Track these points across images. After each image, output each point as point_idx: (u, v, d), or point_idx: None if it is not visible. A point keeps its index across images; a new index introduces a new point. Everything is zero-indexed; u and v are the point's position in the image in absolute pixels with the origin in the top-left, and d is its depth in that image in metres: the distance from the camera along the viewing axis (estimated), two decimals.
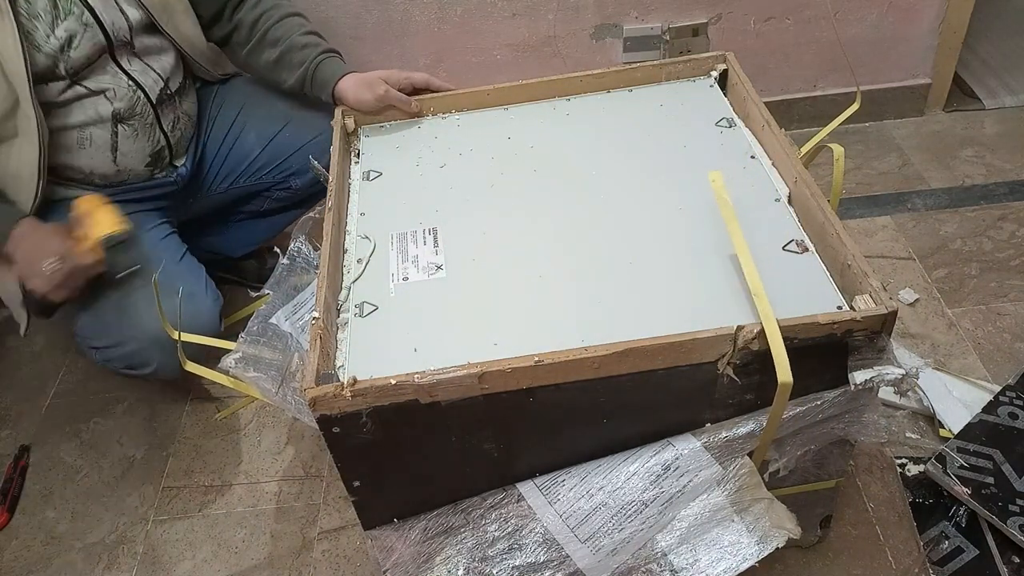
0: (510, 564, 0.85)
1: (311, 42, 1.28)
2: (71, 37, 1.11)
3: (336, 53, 1.28)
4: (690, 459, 0.83)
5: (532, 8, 1.68)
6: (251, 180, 1.42)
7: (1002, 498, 1.05)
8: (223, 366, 0.97)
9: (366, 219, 1.03)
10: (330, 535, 1.23)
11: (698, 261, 0.90)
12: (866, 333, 0.78)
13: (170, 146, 1.30)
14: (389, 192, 1.07)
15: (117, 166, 1.25)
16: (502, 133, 1.13)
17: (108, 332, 1.19)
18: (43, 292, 1.11)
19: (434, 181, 1.07)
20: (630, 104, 1.16)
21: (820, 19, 1.73)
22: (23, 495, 1.35)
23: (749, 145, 1.04)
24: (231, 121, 1.39)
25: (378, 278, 0.94)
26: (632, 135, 1.09)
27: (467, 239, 0.97)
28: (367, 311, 0.89)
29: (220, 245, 1.56)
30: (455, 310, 0.88)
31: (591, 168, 1.05)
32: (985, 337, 1.38)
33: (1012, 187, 1.68)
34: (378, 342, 0.86)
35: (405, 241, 0.98)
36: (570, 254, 0.93)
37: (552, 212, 0.99)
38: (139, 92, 1.22)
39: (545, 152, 1.09)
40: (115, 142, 1.22)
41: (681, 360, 0.78)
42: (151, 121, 1.25)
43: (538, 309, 0.87)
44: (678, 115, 1.12)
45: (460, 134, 1.15)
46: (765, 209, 0.94)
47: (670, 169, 1.03)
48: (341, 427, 0.77)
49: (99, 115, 1.19)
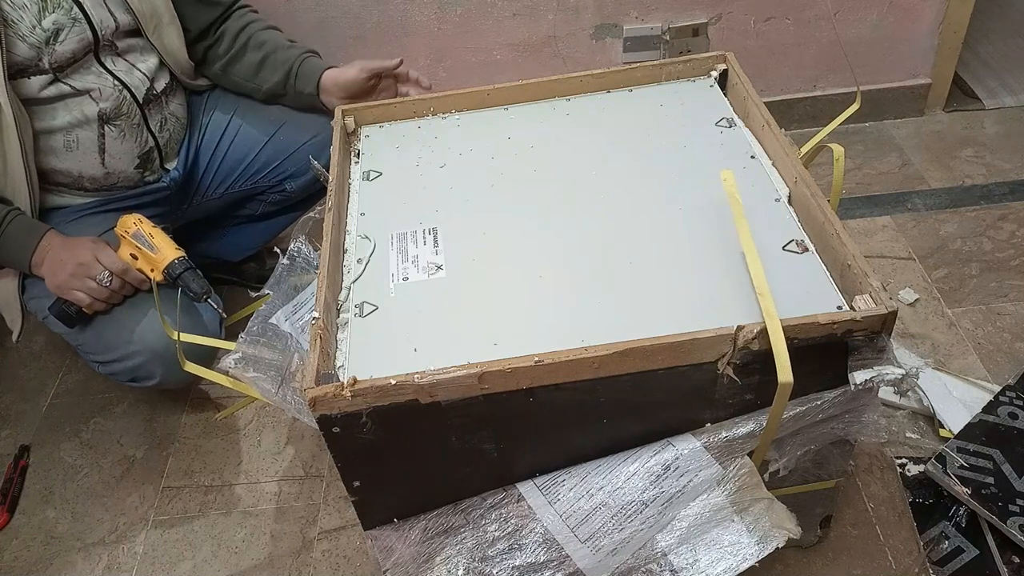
0: (510, 564, 0.85)
1: (296, 46, 1.33)
2: (58, 30, 1.11)
3: (318, 56, 1.34)
4: (690, 459, 0.83)
5: (532, 8, 1.68)
6: (247, 184, 1.42)
7: (1002, 498, 1.05)
8: (223, 366, 0.97)
9: (366, 219, 1.03)
10: (330, 535, 1.23)
11: (698, 260, 0.89)
12: (866, 333, 0.78)
13: (159, 147, 1.30)
14: (389, 192, 1.07)
15: (106, 168, 1.24)
16: (502, 133, 1.13)
17: (111, 347, 1.19)
18: (85, 304, 1.14)
19: (434, 181, 1.07)
20: (630, 104, 1.16)
21: (820, 19, 1.73)
22: (23, 495, 1.35)
23: (749, 145, 1.04)
24: (224, 125, 1.39)
25: (378, 278, 0.94)
26: (632, 135, 1.09)
27: (467, 239, 0.97)
28: (367, 311, 0.89)
29: (217, 251, 1.55)
30: (455, 310, 0.88)
31: (591, 168, 1.05)
32: (985, 337, 1.38)
33: (1012, 187, 1.68)
34: (378, 342, 0.86)
35: (405, 241, 0.98)
36: (570, 254, 0.93)
37: (552, 212, 0.99)
38: (125, 92, 1.21)
39: (545, 152, 1.09)
40: (102, 143, 1.22)
41: (681, 360, 0.78)
42: (138, 121, 1.25)
43: (538, 309, 0.87)
44: (678, 115, 1.12)
45: (460, 134, 1.15)
46: (765, 209, 0.94)
47: (670, 169, 1.03)
48: (341, 427, 0.77)
49: (85, 116, 1.18)
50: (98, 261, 1.12)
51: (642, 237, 0.94)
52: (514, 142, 1.11)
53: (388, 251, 0.97)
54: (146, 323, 1.16)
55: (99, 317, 1.18)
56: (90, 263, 1.12)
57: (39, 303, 1.21)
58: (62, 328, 1.19)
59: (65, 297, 1.14)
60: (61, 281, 1.12)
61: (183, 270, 1.15)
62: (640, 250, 0.92)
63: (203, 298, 1.16)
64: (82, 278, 1.12)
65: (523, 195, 1.03)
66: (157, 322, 1.15)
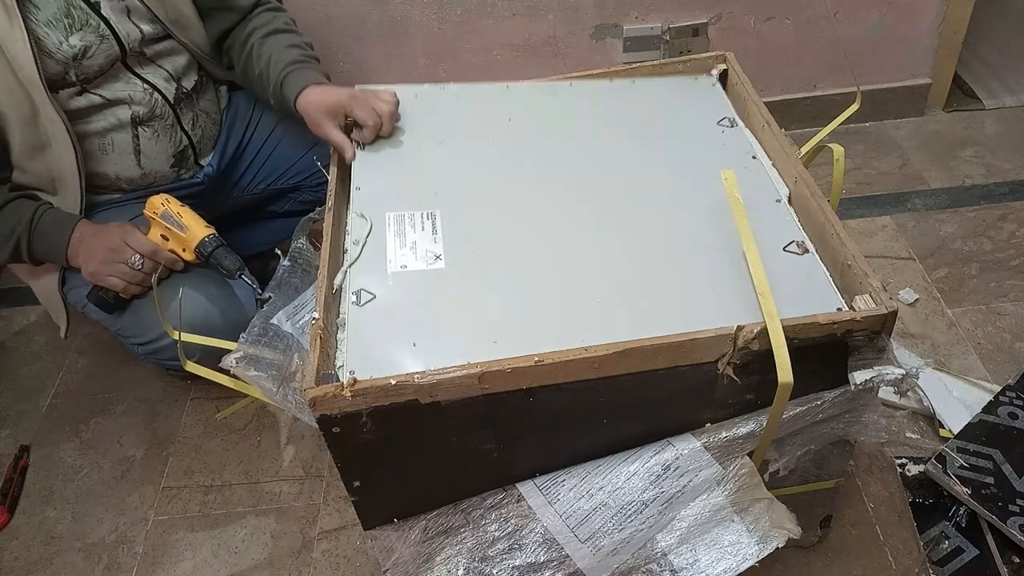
0: (510, 564, 0.85)
1: (283, 58, 1.19)
2: (87, 48, 1.11)
3: (304, 63, 1.19)
4: (690, 459, 0.83)
5: (532, 8, 1.68)
6: (288, 182, 1.44)
7: (1002, 498, 1.05)
8: (224, 366, 0.97)
9: (362, 194, 1.00)
10: (330, 535, 1.23)
11: (698, 260, 0.89)
12: (866, 333, 0.78)
13: (193, 145, 1.31)
14: (385, 165, 1.04)
15: (142, 169, 1.25)
16: (502, 112, 1.11)
17: (149, 329, 1.20)
18: (120, 289, 1.15)
19: (432, 159, 1.05)
20: (632, 96, 1.15)
21: (820, 19, 1.73)
22: (23, 495, 1.35)
23: (750, 145, 1.04)
24: (273, 124, 1.40)
25: (375, 264, 0.92)
26: (633, 130, 1.08)
27: (466, 229, 0.96)
28: (364, 299, 0.88)
29: (232, 243, 1.55)
30: (454, 304, 0.87)
31: (591, 165, 1.04)
32: (985, 337, 1.38)
33: (1012, 187, 1.69)
34: (376, 334, 0.84)
35: (403, 224, 0.96)
36: (570, 252, 0.93)
37: (552, 207, 0.99)
38: (156, 94, 1.22)
39: (546, 142, 1.07)
40: (137, 145, 1.23)
41: (681, 360, 0.78)
42: (171, 122, 1.25)
43: (537, 306, 0.86)
44: (680, 112, 1.11)
45: (458, 109, 1.12)
46: (766, 210, 0.94)
47: (672, 168, 1.03)
48: (341, 427, 0.77)
49: (119, 120, 1.19)
50: (127, 245, 1.12)
51: (643, 235, 0.93)
52: (514, 125, 1.10)
53: (385, 233, 0.95)
54: (184, 301, 1.16)
55: (136, 301, 1.19)
56: (120, 247, 1.12)
57: (77, 293, 1.22)
58: (101, 315, 1.21)
59: (100, 284, 1.15)
60: (94, 268, 1.13)
61: (215, 247, 1.15)
62: (640, 249, 0.92)
63: (237, 274, 1.16)
64: (114, 263, 1.13)
65: (523, 188, 1.01)
66: (194, 299, 1.16)
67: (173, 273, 1.19)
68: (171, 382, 1.49)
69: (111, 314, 1.20)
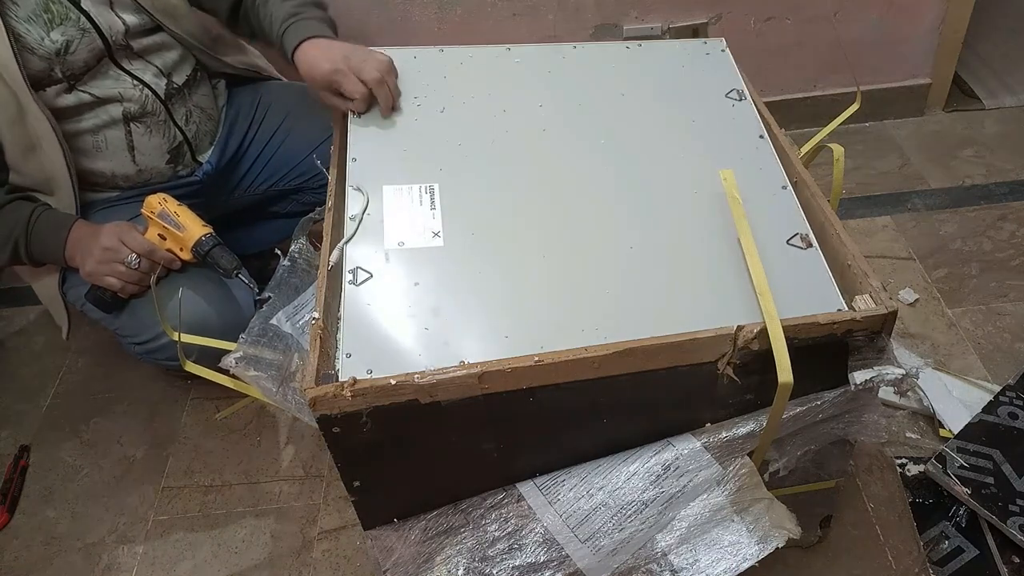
0: (510, 564, 0.85)
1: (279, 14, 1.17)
2: (68, 42, 1.11)
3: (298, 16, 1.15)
4: (690, 459, 0.83)
5: (532, 8, 1.68)
6: (291, 183, 1.43)
7: (1002, 498, 1.05)
8: (223, 366, 0.97)
9: (358, 166, 0.97)
10: (330, 535, 1.23)
11: (699, 256, 0.88)
12: (866, 333, 0.78)
13: (188, 140, 1.30)
14: (382, 134, 1.02)
15: (138, 166, 1.25)
16: (506, 81, 1.09)
17: (146, 328, 1.19)
18: (117, 289, 1.14)
19: (432, 127, 1.02)
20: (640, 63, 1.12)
21: (820, 19, 1.73)
22: (23, 495, 1.35)
23: (758, 123, 1.03)
24: (277, 125, 1.40)
25: (372, 240, 0.90)
26: (641, 103, 1.06)
27: (466, 205, 0.93)
28: (361, 278, 0.86)
29: (232, 243, 1.55)
30: (452, 286, 0.86)
31: (597, 137, 1.01)
32: (985, 337, 1.38)
33: (1012, 187, 1.69)
34: (374, 317, 0.83)
35: (401, 198, 0.93)
36: (572, 237, 0.90)
37: (555, 187, 0.96)
38: (146, 90, 1.21)
39: (550, 112, 1.05)
40: (131, 142, 1.22)
41: (681, 360, 0.78)
42: (164, 118, 1.25)
43: (536, 293, 0.85)
44: (688, 82, 1.09)
45: (461, 73, 1.10)
46: (772, 197, 0.93)
47: (678, 151, 1.00)
48: (341, 427, 0.77)
49: (111, 117, 1.19)
50: (124, 244, 1.12)
51: (644, 226, 0.92)
52: (517, 94, 1.07)
53: (382, 208, 0.93)
54: (181, 301, 1.15)
55: (134, 300, 1.19)
56: (116, 247, 1.12)
57: (76, 292, 1.22)
58: (99, 314, 1.20)
59: (97, 283, 1.15)
60: (91, 268, 1.13)
61: (211, 246, 1.15)
62: (644, 236, 0.90)
63: (233, 274, 1.16)
64: (110, 263, 1.12)
65: (525, 163, 0.99)
66: (192, 299, 1.16)
67: (171, 273, 1.19)
68: (171, 382, 1.49)
69: (109, 314, 1.20)
